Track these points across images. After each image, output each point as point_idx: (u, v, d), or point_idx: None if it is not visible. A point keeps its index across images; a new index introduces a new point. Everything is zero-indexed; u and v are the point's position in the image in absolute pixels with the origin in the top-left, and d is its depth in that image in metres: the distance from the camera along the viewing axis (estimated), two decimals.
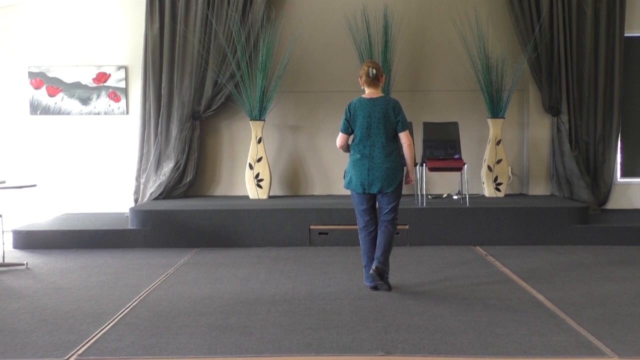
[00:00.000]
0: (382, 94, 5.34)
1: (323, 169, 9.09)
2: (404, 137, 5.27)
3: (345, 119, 5.29)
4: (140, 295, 5.22)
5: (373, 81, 5.28)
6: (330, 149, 9.03)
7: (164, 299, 5.13)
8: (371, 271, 5.18)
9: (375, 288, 5.28)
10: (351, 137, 5.34)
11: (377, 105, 5.23)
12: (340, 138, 5.35)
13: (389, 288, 5.26)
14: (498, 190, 8.59)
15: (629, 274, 5.89)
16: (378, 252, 5.22)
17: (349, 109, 5.29)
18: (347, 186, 5.35)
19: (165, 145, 8.71)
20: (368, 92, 5.33)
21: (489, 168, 8.60)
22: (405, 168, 5.42)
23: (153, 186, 8.66)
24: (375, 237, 5.31)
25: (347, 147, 5.40)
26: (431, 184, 8.88)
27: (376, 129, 5.21)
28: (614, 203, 8.85)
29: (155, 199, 8.58)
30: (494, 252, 6.95)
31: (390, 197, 5.28)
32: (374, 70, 5.26)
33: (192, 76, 8.68)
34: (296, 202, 8.20)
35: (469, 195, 8.00)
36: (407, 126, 5.30)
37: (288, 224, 7.45)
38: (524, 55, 8.61)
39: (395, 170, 5.25)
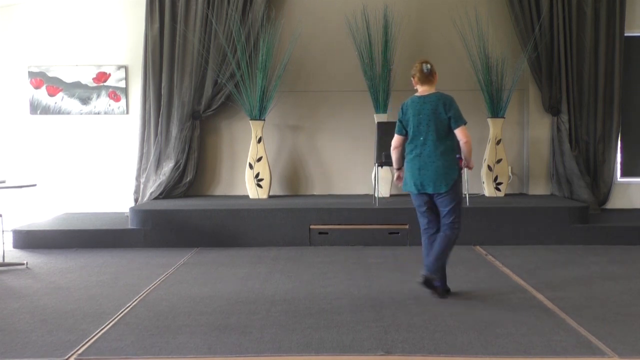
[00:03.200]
0: (435, 91, 5.14)
1: (323, 169, 9.09)
2: (459, 133, 5.02)
3: (399, 119, 5.13)
4: (140, 295, 5.22)
5: (428, 77, 5.08)
6: (331, 149, 9.05)
7: (164, 298, 5.13)
8: (420, 279, 5.00)
9: (424, 281, 5.03)
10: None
11: (427, 103, 5.04)
12: (394, 139, 5.19)
13: (440, 296, 5.02)
14: (498, 190, 8.59)
15: (629, 274, 5.89)
16: (430, 259, 5.03)
17: (401, 109, 5.14)
18: (404, 187, 5.18)
19: (165, 144, 8.71)
20: (421, 90, 5.13)
21: (489, 168, 8.60)
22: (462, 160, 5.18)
23: (153, 186, 8.66)
24: (434, 241, 5.11)
25: (402, 150, 5.21)
26: None
27: (426, 126, 5.01)
28: (613, 203, 8.85)
29: (155, 198, 8.58)
30: (494, 251, 6.95)
31: (446, 198, 5.03)
32: (429, 65, 5.09)
33: (192, 76, 8.68)
34: (296, 202, 8.20)
35: (469, 195, 8.00)
36: (462, 122, 5.03)
37: (288, 223, 7.45)
38: (524, 55, 8.61)
39: (447, 168, 5.00)
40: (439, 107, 5.02)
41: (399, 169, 5.30)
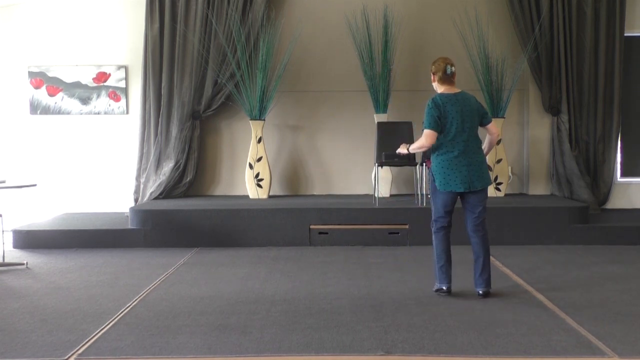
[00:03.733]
0: (459, 89, 5.12)
1: (323, 169, 9.09)
2: (494, 127, 5.16)
3: (436, 115, 4.96)
4: (140, 295, 5.22)
5: (450, 78, 5.06)
6: (331, 149, 9.05)
7: (164, 298, 5.13)
8: (446, 291, 5.08)
9: (448, 292, 5.10)
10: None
11: (467, 100, 5.03)
12: (431, 136, 4.99)
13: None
14: (498, 190, 8.59)
15: (629, 274, 5.89)
16: (485, 273, 5.07)
17: (435, 105, 4.98)
18: (445, 187, 5.02)
19: (165, 144, 8.71)
20: (446, 88, 5.07)
21: (489, 168, 8.60)
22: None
23: (153, 186, 8.66)
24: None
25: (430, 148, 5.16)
26: None
27: (470, 123, 4.98)
28: (613, 203, 8.85)
29: (155, 198, 8.58)
30: (494, 251, 6.91)
31: (484, 193, 5.08)
32: (452, 68, 5.05)
33: (192, 76, 8.68)
34: (296, 202, 8.20)
35: None
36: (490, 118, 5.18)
37: (288, 223, 7.45)
38: (524, 55, 8.61)
39: (484, 164, 5.10)
40: (477, 105, 5.09)
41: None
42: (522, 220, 7.41)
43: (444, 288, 5.10)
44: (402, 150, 5.37)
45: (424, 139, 5.03)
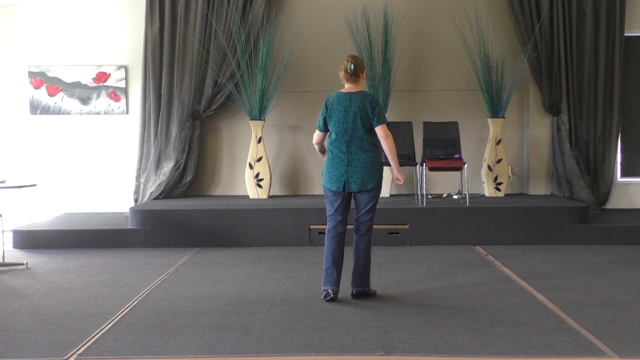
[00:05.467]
0: (361, 89, 5.13)
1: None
2: (380, 130, 5.00)
3: (324, 116, 5.09)
4: (140, 295, 5.22)
5: (351, 76, 5.07)
6: None
7: (164, 298, 5.13)
8: (330, 295, 4.94)
9: (332, 299, 4.95)
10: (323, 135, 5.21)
11: (354, 100, 5.02)
12: (316, 135, 5.20)
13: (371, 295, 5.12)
14: (498, 190, 8.59)
15: (629, 273, 5.89)
16: (357, 274, 5.03)
17: (325, 104, 5.11)
18: (324, 183, 5.08)
19: (165, 145, 8.71)
20: (347, 87, 5.12)
21: (489, 168, 8.60)
22: (390, 169, 5.21)
23: (153, 186, 8.66)
24: (343, 240, 5.07)
25: (322, 146, 5.24)
26: (431, 183, 8.87)
27: (352, 123, 4.98)
28: (613, 203, 8.85)
29: (155, 198, 8.58)
30: (494, 251, 6.95)
31: (368, 195, 5.04)
32: (352, 66, 5.05)
33: (192, 76, 8.68)
34: (296, 202, 8.20)
35: (469, 195, 8.00)
36: (385, 120, 5.03)
37: (288, 223, 7.45)
38: (524, 54, 8.61)
39: (373, 165, 5.02)
40: (366, 105, 5.01)
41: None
42: (522, 220, 7.41)
43: (329, 291, 4.99)
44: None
45: (313, 137, 5.27)
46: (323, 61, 8.98)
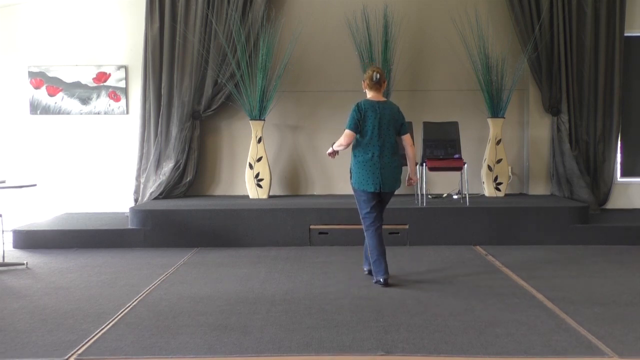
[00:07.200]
0: (385, 99, 5.63)
1: (323, 169, 9.09)
2: (408, 138, 5.61)
3: (357, 118, 5.48)
4: (140, 295, 5.22)
5: (375, 85, 5.56)
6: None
7: (164, 298, 5.13)
8: (383, 283, 5.38)
9: (386, 284, 5.39)
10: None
11: (387, 108, 5.51)
12: (349, 136, 5.50)
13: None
14: (498, 190, 8.59)
15: (629, 273, 5.89)
16: (384, 263, 5.43)
17: (358, 109, 5.50)
18: (359, 186, 5.52)
19: (165, 145, 8.71)
20: (372, 95, 5.59)
21: (489, 168, 8.60)
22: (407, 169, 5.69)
23: (153, 186, 8.66)
24: (382, 234, 5.52)
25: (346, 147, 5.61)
26: (431, 183, 8.87)
27: (386, 130, 5.47)
28: (613, 203, 8.86)
29: (155, 198, 8.58)
30: (494, 251, 6.95)
31: (391, 196, 5.62)
32: (377, 75, 5.55)
33: (192, 76, 8.68)
34: (296, 202, 8.20)
35: (469, 195, 8.00)
36: (409, 130, 5.65)
37: (288, 223, 7.45)
38: (524, 55, 8.62)
39: (400, 168, 5.60)
40: (395, 114, 5.54)
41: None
42: (522, 220, 7.41)
43: (381, 280, 5.40)
44: (329, 150, 5.73)
45: (343, 138, 5.53)
46: (323, 61, 8.99)
